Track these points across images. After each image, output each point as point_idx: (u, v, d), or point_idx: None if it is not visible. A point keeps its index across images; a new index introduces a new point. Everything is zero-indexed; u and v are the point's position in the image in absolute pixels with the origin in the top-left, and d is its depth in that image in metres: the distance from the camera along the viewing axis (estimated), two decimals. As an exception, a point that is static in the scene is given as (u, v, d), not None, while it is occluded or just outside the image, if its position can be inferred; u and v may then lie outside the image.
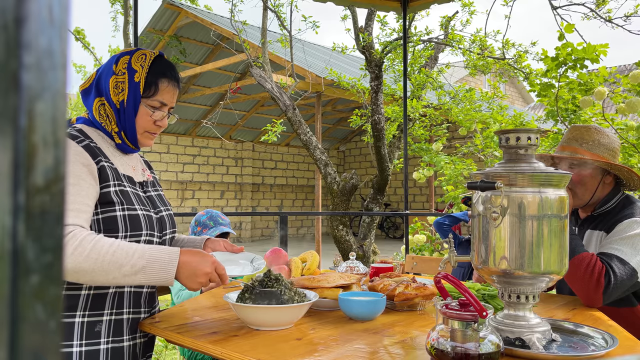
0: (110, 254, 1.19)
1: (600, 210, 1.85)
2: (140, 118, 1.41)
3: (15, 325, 0.26)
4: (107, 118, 1.39)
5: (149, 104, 1.41)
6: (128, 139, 1.42)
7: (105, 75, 1.40)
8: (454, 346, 0.99)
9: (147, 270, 1.22)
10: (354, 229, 12.31)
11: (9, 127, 0.26)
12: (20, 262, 0.26)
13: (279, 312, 1.31)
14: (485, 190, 1.15)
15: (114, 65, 1.39)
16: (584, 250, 1.63)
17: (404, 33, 4.15)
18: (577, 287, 1.61)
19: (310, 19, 6.76)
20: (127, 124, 1.40)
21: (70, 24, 0.29)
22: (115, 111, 1.39)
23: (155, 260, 1.23)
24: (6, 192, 0.26)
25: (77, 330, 1.27)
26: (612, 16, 5.04)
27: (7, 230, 0.26)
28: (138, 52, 1.42)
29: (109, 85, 1.38)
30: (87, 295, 1.30)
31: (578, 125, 1.94)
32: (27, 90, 0.26)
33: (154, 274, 1.22)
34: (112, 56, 1.43)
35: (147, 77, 1.39)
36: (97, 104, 1.39)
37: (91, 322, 1.30)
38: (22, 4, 0.26)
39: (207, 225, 2.49)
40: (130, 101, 1.38)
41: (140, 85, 1.38)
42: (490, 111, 6.70)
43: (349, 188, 5.94)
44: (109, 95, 1.38)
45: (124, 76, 1.38)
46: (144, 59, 1.40)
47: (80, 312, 1.29)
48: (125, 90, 1.38)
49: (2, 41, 0.26)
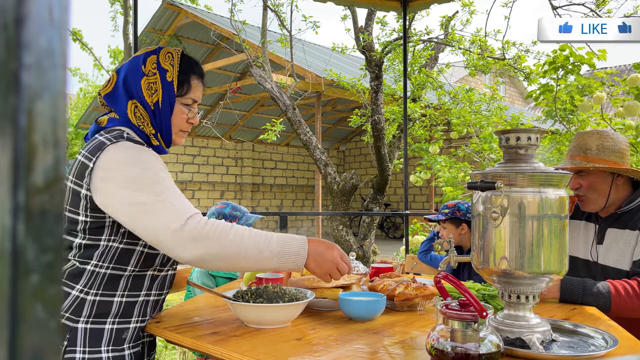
0: (253, 238, 1.22)
1: (625, 209, 1.86)
2: (176, 117, 1.40)
3: (15, 325, 0.26)
4: (142, 120, 1.36)
5: (183, 102, 1.41)
6: (163, 139, 1.41)
7: (133, 76, 1.36)
8: (454, 346, 0.99)
9: (281, 255, 1.24)
10: (354, 229, 12.31)
11: (9, 127, 0.26)
12: (20, 262, 0.26)
13: (276, 310, 1.31)
14: (485, 190, 1.15)
15: (142, 67, 1.36)
16: (606, 285, 1.64)
17: (404, 33, 4.15)
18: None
19: (311, 19, 6.76)
20: (164, 124, 1.38)
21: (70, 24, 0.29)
22: (150, 113, 1.36)
23: (289, 245, 1.26)
24: (6, 192, 0.26)
25: (106, 336, 1.27)
26: (612, 16, 5.04)
27: (7, 230, 0.26)
28: (163, 50, 1.40)
29: (140, 86, 1.35)
30: (120, 302, 1.30)
31: (581, 132, 1.96)
32: (27, 90, 0.26)
33: (288, 258, 1.25)
34: (134, 57, 1.40)
35: (179, 75, 1.38)
36: (131, 106, 1.35)
37: (120, 329, 1.30)
38: (22, 4, 0.26)
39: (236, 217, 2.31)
40: (165, 101, 1.36)
41: (174, 84, 1.37)
42: (489, 112, 6.71)
43: (349, 188, 5.94)
44: (142, 97, 1.35)
45: (155, 76, 1.36)
46: (172, 58, 1.39)
47: (111, 319, 1.29)
48: (159, 91, 1.36)
49: (2, 41, 0.26)
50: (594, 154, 1.85)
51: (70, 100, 17.04)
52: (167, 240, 1.18)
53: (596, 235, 1.91)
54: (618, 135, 1.91)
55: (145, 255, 1.33)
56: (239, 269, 1.30)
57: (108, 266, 1.29)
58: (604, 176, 1.84)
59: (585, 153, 1.87)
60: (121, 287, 1.31)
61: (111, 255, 1.29)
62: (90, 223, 1.26)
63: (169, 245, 1.18)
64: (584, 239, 1.96)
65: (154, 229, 1.18)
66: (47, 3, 0.27)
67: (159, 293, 1.42)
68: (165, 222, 1.17)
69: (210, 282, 2.33)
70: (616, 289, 1.62)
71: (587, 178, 1.86)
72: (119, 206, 1.21)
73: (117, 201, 1.20)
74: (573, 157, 1.91)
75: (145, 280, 1.36)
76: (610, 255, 1.84)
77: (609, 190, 1.84)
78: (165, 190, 1.22)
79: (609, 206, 1.88)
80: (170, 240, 1.17)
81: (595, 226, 1.93)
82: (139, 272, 1.34)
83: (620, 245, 1.81)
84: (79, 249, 1.28)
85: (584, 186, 1.86)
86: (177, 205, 1.20)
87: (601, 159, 1.84)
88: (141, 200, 1.19)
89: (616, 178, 1.85)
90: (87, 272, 1.28)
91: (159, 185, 1.22)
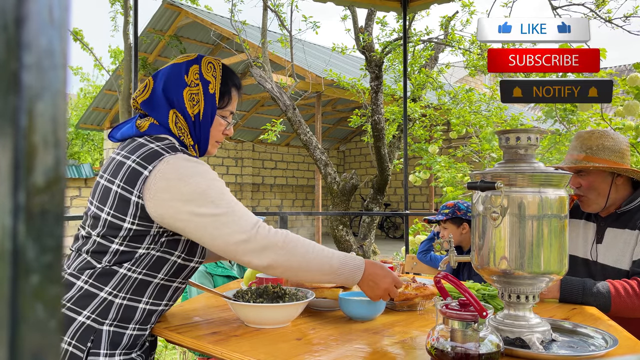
0: (318, 252, 1.28)
1: (625, 209, 1.87)
2: (214, 129, 1.41)
3: (15, 325, 0.26)
4: (182, 131, 1.36)
5: (222, 114, 1.42)
6: (200, 150, 1.42)
7: (174, 86, 1.36)
8: (454, 346, 0.99)
9: (340, 272, 1.30)
10: (354, 229, 12.30)
11: (9, 127, 0.26)
12: (20, 262, 0.26)
13: (276, 310, 1.32)
14: (485, 190, 1.15)
15: (185, 76, 1.36)
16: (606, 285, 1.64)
17: (404, 33, 4.15)
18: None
19: (311, 19, 6.76)
20: (202, 135, 1.39)
21: (70, 24, 0.29)
22: (190, 124, 1.37)
23: (347, 264, 1.32)
24: (6, 192, 0.26)
25: (125, 341, 1.27)
26: (612, 16, 5.05)
27: (7, 230, 0.26)
28: (204, 60, 1.40)
29: (182, 97, 1.35)
30: (144, 309, 1.31)
31: (582, 132, 1.97)
32: (27, 90, 0.26)
33: (344, 275, 1.31)
34: (173, 64, 1.39)
35: (221, 87, 1.40)
36: (172, 116, 1.35)
37: (137, 335, 1.30)
38: (22, 4, 0.26)
39: None
40: (207, 113, 1.37)
41: (216, 97, 1.38)
42: (489, 112, 6.71)
43: (349, 188, 5.94)
44: (183, 107, 1.35)
45: (198, 87, 1.37)
46: (214, 69, 1.40)
47: (133, 324, 1.29)
48: (201, 102, 1.36)
49: (2, 41, 0.26)
50: (595, 153, 1.86)
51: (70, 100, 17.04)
52: (239, 249, 1.23)
53: (596, 235, 1.92)
54: (619, 135, 1.92)
55: (177, 266, 1.33)
56: (300, 279, 1.39)
57: (140, 272, 1.28)
58: (603, 176, 1.85)
59: (585, 152, 1.88)
60: (148, 294, 1.30)
61: (146, 261, 1.28)
62: (135, 231, 1.26)
63: (242, 253, 1.23)
64: (584, 237, 1.96)
65: (226, 238, 1.22)
66: (47, 3, 0.27)
67: (173, 304, 1.43)
68: (237, 232, 1.22)
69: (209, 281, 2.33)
70: (616, 289, 1.62)
71: (587, 177, 1.87)
72: (189, 217, 1.22)
73: (187, 212, 1.22)
74: (573, 157, 1.92)
75: (170, 290, 1.36)
76: (610, 255, 1.84)
77: (609, 190, 1.85)
78: (231, 201, 1.26)
79: (609, 206, 1.88)
80: (242, 248, 1.22)
81: (594, 225, 1.93)
82: (167, 281, 1.33)
83: (620, 244, 1.82)
84: (114, 254, 1.27)
85: (584, 186, 1.87)
86: (245, 216, 1.25)
87: (601, 158, 1.84)
88: (210, 212, 1.22)
89: (616, 178, 1.86)
90: (119, 274, 1.26)
91: (225, 196, 1.25)
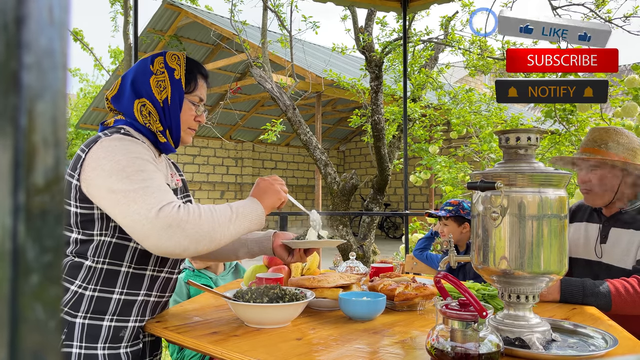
0: (218, 209, 1.26)
1: (629, 209, 1.88)
2: (184, 114, 1.45)
3: (15, 325, 0.26)
4: (149, 117, 1.40)
5: (191, 99, 1.46)
6: (172, 136, 1.44)
7: (141, 76, 1.41)
8: (454, 346, 0.99)
9: (245, 212, 1.31)
10: (354, 229, 12.29)
11: (9, 127, 0.26)
12: (20, 262, 0.26)
13: (276, 310, 1.32)
14: (485, 190, 1.15)
15: (150, 66, 1.42)
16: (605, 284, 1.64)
17: (404, 33, 4.15)
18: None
19: (310, 19, 6.75)
20: (173, 120, 1.42)
21: (70, 24, 0.29)
22: (159, 110, 1.40)
23: (242, 203, 1.34)
24: (6, 192, 0.26)
25: (103, 333, 1.29)
26: (612, 17, 5.04)
27: (7, 230, 0.26)
28: (168, 53, 1.46)
29: (149, 84, 1.40)
30: (118, 300, 1.32)
31: (597, 128, 2.00)
32: (27, 90, 0.26)
33: (247, 209, 1.33)
34: (140, 60, 1.46)
35: (186, 74, 1.44)
36: (137, 105, 1.40)
37: (117, 327, 1.32)
38: (22, 4, 0.26)
39: None
40: (175, 97, 1.41)
41: (182, 82, 1.43)
42: (489, 112, 6.70)
43: (349, 188, 5.94)
44: (151, 94, 1.40)
45: (164, 75, 1.41)
46: (178, 59, 1.45)
47: (109, 316, 1.31)
48: (168, 88, 1.41)
49: (2, 41, 0.26)
50: (609, 148, 1.88)
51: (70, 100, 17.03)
52: (142, 229, 1.14)
53: (600, 235, 1.92)
54: (632, 134, 1.94)
55: (139, 252, 1.34)
56: (216, 244, 1.24)
57: (104, 261, 1.31)
58: (614, 172, 1.87)
59: (600, 147, 1.90)
60: (119, 284, 1.32)
61: (105, 250, 1.31)
62: (81, 215, 1.29)
63: (145, 234, 1.15)
64: (586, 239, 1.97)
65: (129, 215, 1.16)
66: (47, 3, 0.27)
67: (160, 295, 1.43)
68: (140, 210, 1.15)
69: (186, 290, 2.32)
70: (616, 288, 1.62)
71: (598, 172, 1.88)
72: (106, 194, 1.21)
73: (105, 189, 1.21)
74: (586, 150, 1.93)
75: (145, 279, 1.37)
76: (614, 254, 1.85)
77: (617, 186, 1.87)
78: (147, 179, 1.20)
79: (613, 203, 1.89)
80: (147, 228, 1.14)
81: (598, 226, 1.94)
82: (136, 269, 1.35)
83: (624, 244, 1.82)
84: (76, 244, 1.31)
85: (593, 180, 1.89)
86: (156, 195, 1.18)
87: (614, 154, 1.86)
88: (122, 187, 1.18)
89: (625, 176, 1.87)
90: (85, 267, 1.30)
91: (143, 173, 1.21)
